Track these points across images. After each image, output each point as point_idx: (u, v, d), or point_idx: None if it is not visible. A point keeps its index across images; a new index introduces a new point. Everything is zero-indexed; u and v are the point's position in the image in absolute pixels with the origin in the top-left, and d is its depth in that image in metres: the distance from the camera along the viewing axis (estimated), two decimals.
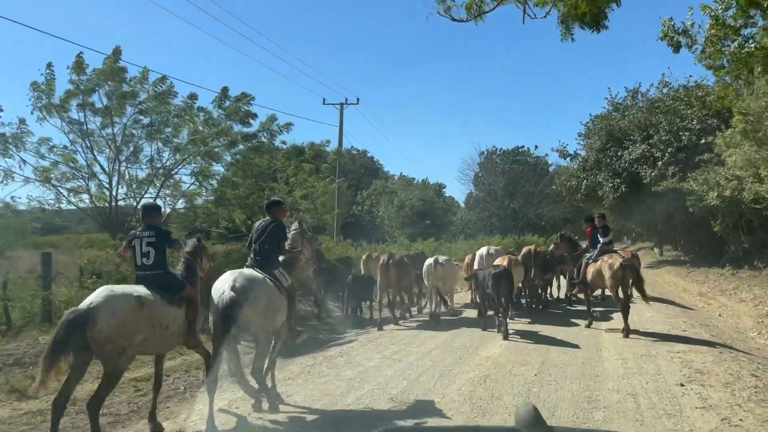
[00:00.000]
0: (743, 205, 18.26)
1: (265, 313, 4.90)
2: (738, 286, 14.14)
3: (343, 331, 9.88)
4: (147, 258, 4.74)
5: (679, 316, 10.49)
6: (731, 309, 11.95)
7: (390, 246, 25.68)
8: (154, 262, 4.74)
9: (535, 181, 44.13)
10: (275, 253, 5.32)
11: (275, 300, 5.01)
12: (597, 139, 26.46)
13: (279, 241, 5.34)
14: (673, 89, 25.47)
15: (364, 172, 49.37)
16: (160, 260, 4.76)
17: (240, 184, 15.68)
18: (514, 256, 11.04)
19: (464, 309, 12.11)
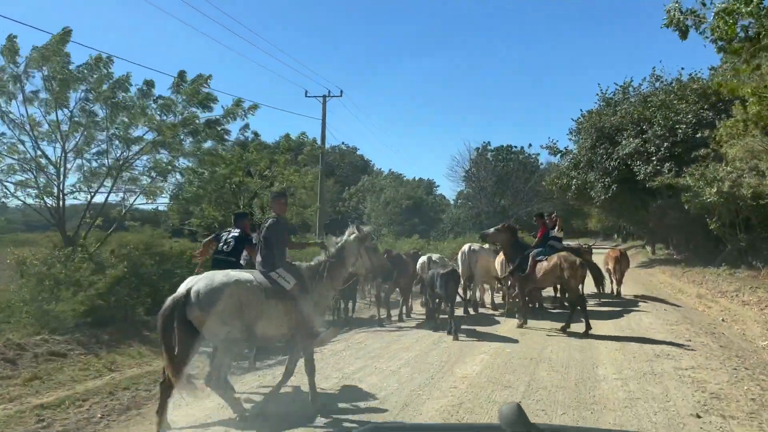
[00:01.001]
0: (741, 201, 17.43)
1: (225, 318, 4.38)
2: (739, 287, 13.21)
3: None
4: (227, 246, 6.27)
5: (681, 323, 9.54)
6: (735, 313, 11.00)
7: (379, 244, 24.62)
8: (231, 251, 6.21)
9: (525, 178, 43.30)
10: (272, 253, 4.91)
11: (251, 305, 4.48)
12: (587, 137, 25.53)
13: (274, 240, 4.93)
14: (666, 83, 24.60)
15: (353, 168, 48.35)
16: (236, 251, 6.22)
17: (207, 178, 14.62)
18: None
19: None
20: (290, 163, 18.94)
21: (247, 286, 4.47)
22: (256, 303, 4.43)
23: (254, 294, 4.46)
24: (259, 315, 4.46)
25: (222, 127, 13.16)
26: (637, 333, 8.42)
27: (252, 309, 4.40)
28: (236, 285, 4.38)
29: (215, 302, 4.22)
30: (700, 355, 6.92)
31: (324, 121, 26.66)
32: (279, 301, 4.61)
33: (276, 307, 4.58)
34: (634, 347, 7.37)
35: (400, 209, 37.67)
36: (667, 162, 21.01)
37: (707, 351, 7.17)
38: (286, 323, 4.70)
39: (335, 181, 42.22)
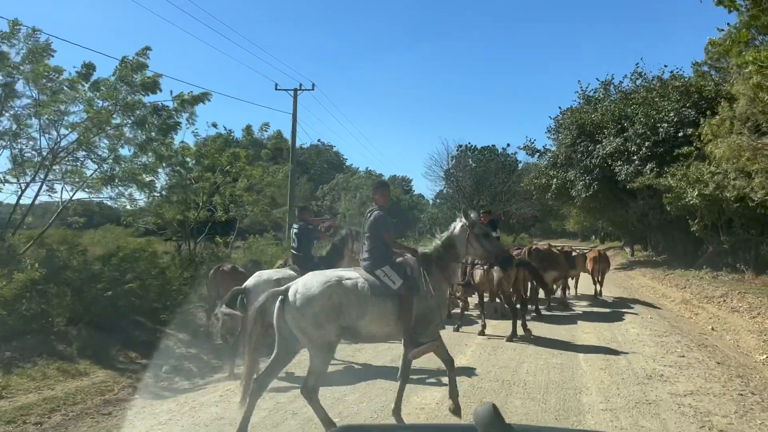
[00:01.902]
0: (723, 203, 16.78)
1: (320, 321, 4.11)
2: (726, 292, 12.44)
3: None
4: (294, 242, 7.19)
5: (670, 333, 8.64)
6: (724, 321, 10.18)
7: None
8: (298, 246, 7.04)
9: (504, 178, 42.62)
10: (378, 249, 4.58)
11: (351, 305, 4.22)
12: (567, 134, 24.77)
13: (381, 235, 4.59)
14: (648, 80, 23.96)
15: (327, 166, 47.15)
16: (303, 245, 7.03)
17: (156, 171, 13.39)
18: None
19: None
20: (254, 158, 17.77)
21: (350, 285, 4.25)
22: (357, 303, 4.21)
23: (356, 294, 4.23)
24: (362, 315, 4.24)
25: (173, 120, 11.94)
26: (624, 347, 7.48)
27: (353, 309, 4.20)
28: (338, 285, 4.20)
29: (312, 304, 4.06)
30: (698, 375, 5.98)
31: (295, 116, 25.45)
32: (385, 299, 4.32)
33: (382, 307, 4.30)
34: (622, 365, 6.40)
35: None
36: (648, 162, 20.33)
37: (704, 370, 6.24)
38: (392, 322, 4.39)
39: (308, 179, 40.99)
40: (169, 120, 11.83)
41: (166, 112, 11.89)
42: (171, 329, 9.13)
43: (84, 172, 11.41)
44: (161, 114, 11.63)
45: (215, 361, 7.82)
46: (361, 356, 7.14)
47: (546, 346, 7.60)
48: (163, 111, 11.91)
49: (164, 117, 11.80)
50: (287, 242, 23.96)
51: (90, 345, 7.71)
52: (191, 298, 10.99)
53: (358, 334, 4.31)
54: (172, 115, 11.76)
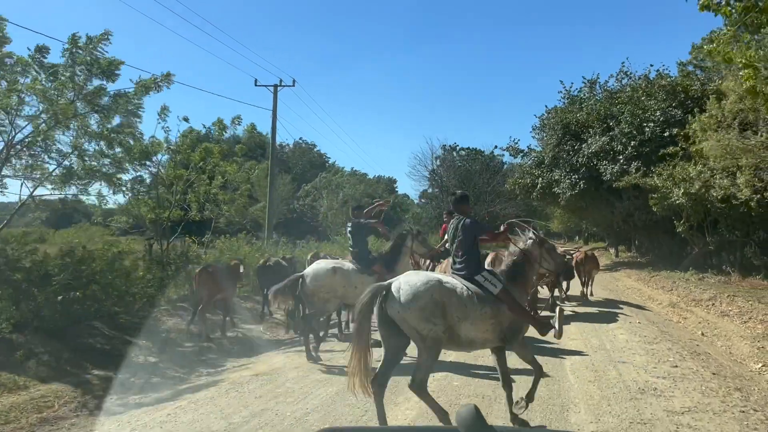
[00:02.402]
0: (709, 203, 16.53)
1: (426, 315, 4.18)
2: (714, 295, 12.09)
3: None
4: (350, 240, 7.66)
5: (660, 340, 8.21)
6: (714, 326, 9.79)
7: (325, 244, 22.87)
8: (353, 243, 7.52)
9: (488, 178, 42.27)
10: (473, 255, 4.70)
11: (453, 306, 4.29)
12: (553, 134, 24.42)
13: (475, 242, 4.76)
14: (634, 79, 23.72)
15: (310, 166, 46.45)
16: (358, 242, 7.46)
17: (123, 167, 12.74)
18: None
19: None
20: (229, 154, 17.13)
21: (450, 288, 4.35)
22: (458, 305, 4.30)
23: (457, 296, 4.33)
24: (463, 318, 4.31)
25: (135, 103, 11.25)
26: (613, 355, 7.02)
27: (455, 311, 4.27)
28: (439, 285, 4.28)
29: (417, 299, 4.14)
30: (694, 389, 5.52)
31: (275, 112, 24.75)
32: (485, 305, 4.40)
33: (482, 312, 4.38)
34: (612, 377, 5.92)
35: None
36: (634, 161, 20.05)
37: (700, 383, 5.78)
38: (490, 329, 4.45)
39: (292, 178, 40.25)
40: (130, 106, 11.16)
41: (127, 97, 11.24)
42: (131, 336, 8.50)
43: (46, 167, 10.76)
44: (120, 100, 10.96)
45: (175, 371, 7.22)
46: (330, 367, 6.60)
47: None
48: (125, 96, 11.25)
49: (125, 103, 11.13)
50: (268, 241, 23.35)
51: (36, 354, 7.08)
52: (157, 301, 10.36)
53: (458, 338, 4.35)
54: (131, 99, 11.07)
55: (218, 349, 8.54)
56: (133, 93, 10.98)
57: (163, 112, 15.30)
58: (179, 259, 12.30)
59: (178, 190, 16.57)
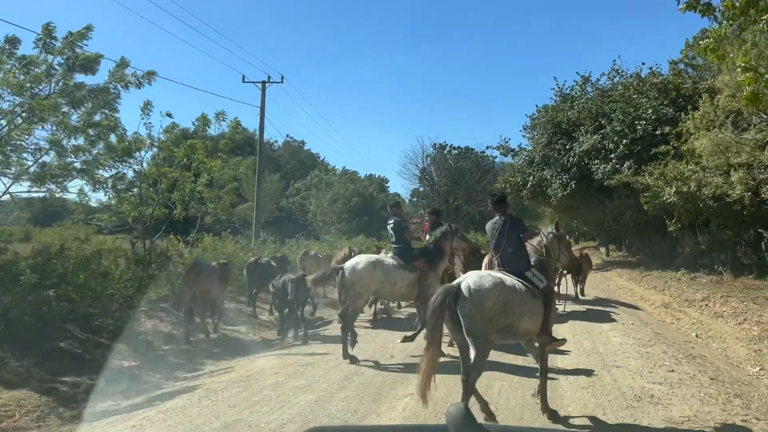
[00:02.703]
0: (701, 202, 16.37)
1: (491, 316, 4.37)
2: (708, 295, 11.89)
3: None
4: (392, 237, 7.70)
5: (654, 342, 7.96)
6: (708, 327, 9.57)
7: (312, 243, 22.53)
8: (396, 240, 7.57)
9: (479, 176, 42.07)
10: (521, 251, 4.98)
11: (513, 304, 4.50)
12: (543, 133, 24.22)
13: (521, 239, 5.01)
14: (626, 77, 23.57)
15: (301, 164, 46.04)
16: (400, 238, 7.49)
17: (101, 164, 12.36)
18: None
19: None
20: (213, 150, 16.76)
21: (510, 286, 4.49)
22: (519, 303, 4.49)
23: (518, 294, 4.51)
24: (523, 314, 4.51)
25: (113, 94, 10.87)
26: (607, 359, 6.76)
27: (516, 308, 4.46)
28: (503, 285, 4.42)
29: (487, 298, 4.28)
30: (692, 395, 5.26)
31: (263, 109, 24.39)
32: (535, 299, 4.63)
33: (535, 306, 4.62)
34: (607, 383, 5.65)
35: (349, 207, 35.59)
36: (626, 160, 19.88)
37: (698, 389, 5.53)
38: (539, 321, 4.68)
39: (281, 176, 39.80)
40: (108, 96, 10.77)
41: (106, 91, 10.86)
42: (106, 339, 8.13)
43: (24, 163, 10.38)
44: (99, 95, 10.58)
45: (150, 376, 6.87)
46: (312, 371, 6.27)
47: (521, 357, 6.82)
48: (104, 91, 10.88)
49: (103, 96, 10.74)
50: (256, 240, 22.96)
51: (1, 358, 6.71)
52: (136, 302, 9.99)
53: (515, 331, 4.53)
54: (108, 90, 10.68)
55: (199, 352, 8.20)
56: (107, 82, 10.63)
57: (146, 108, 14.91)
58: (160, 259, 11.91)
59: (162, 188, 16.23)
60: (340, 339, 6.92)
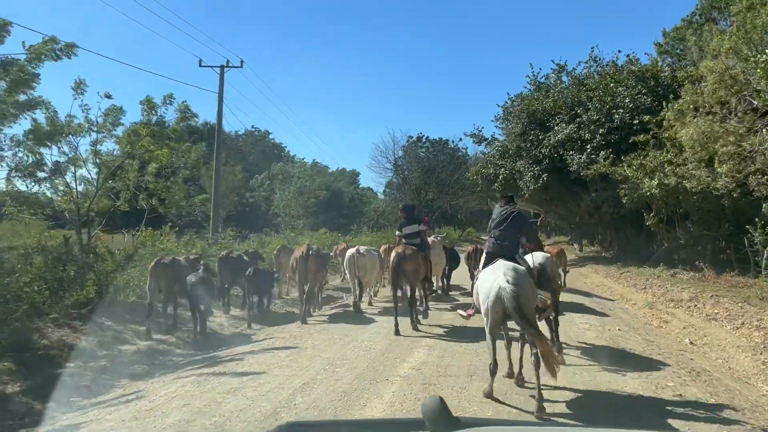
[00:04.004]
0: (681, 195, 15.53)
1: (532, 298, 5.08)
2: (695, 295, 10.95)
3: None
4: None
5: (649, 354, 6.86)
6: (702, 333, 8.56)
7: (277, 238, 21.10)
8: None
9: (452, 169, 41.06)
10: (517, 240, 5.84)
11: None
12: (517, 123, 23.17)
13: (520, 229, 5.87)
14: (602, 66, 22.72)
15: (265, 156, 44.31)
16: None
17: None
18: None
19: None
20: (160, 136, 15.22)
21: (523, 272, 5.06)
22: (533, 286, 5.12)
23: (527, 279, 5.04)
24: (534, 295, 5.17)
25: (27, 73, 9.34)
26: (600, 379, 5.59)
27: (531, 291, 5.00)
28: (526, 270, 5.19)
29: (526, 283, 4.86)
30: (709, 429, 4.13)
31: (221, 95, 22.79)
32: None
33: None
34: (608, 419, 4.47)
35: (316, 200, 34.11)
36: (602, 150, 18.99)
37: (712, 416, 4.41)
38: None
39: (244, 168, 38.04)
40: (22, 73, 9.27)
41: (18, 65, 9.36)
42: None
43: None
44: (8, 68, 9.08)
45: (33, 403, 5.46)
46: (273, 374, 4.95)
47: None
48: (16, 64, 9.38)
49: (16, 72, 9.25)
50: (213, 235, 21.39)
51: None
52: (49, 308, 8.48)
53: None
54: (24, 68, 9.19)
55: (115, 367, 6.79)
56: (25, 60, 9.12)
57: (79, 87, 13.42)
58: (85, 256, 10.41)
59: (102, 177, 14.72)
60: (283, 352, 5.64)
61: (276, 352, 6.60)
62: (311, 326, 8.45)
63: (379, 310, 10.58)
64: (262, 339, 7.69)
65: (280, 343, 7.29)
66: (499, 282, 4.68)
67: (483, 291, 4.92)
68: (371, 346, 6.82)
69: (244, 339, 8.10)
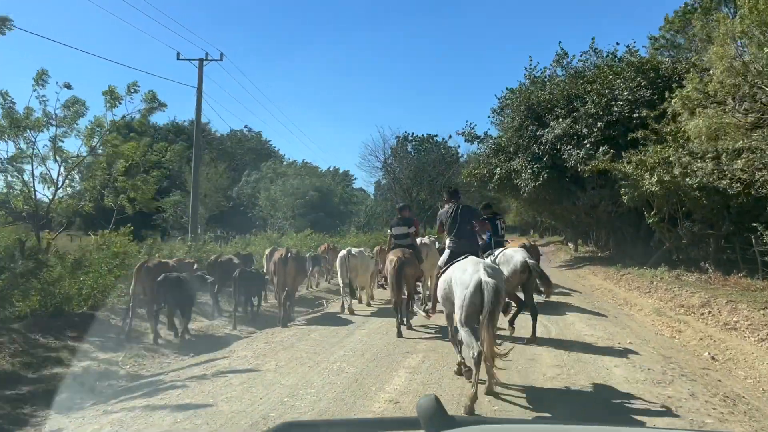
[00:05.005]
0: (682, 192, 14.62)
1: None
2: (707, 300, 9.97)
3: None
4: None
5: (672, 376, 5.80)
6: (724, 346, 7.57)
7: (259, 239, 20.02)
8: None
9: (443, 169, 40.08)
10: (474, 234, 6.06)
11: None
12: (516, 115, 22.11)
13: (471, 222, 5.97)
14: (601, 57, 21.80)
15: (254, 155, 43.14)
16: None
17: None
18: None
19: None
20: (124, 129, 14.17)
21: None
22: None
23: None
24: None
25: None
26: (619, 411, 4.58)
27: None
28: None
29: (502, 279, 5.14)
30: None
31: (200, 89, 21.67)
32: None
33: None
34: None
35: (304, 201, 32.96)
36: (601, 146, 18.08)
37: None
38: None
39: (232, 167, 36.84)
40: None
41: None
42: None
43: None
44: None
45: None
46: (247, 385, 3.91)
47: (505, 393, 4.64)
48: None
49: None
50: (192, 236, 20.29)
51: None
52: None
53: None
54: None
55: (30, 397, 5.71)
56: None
57: (41, 78, 12.49)
58: (26, 263, 9.27)
59: (63, 174, 13.71)
60: (238, 377, 4.59)
61: (230, 377, 5.54)
62: (279, 342, 7.39)
63: (362, 319, 9.58)
64: (219, 358, 6.62)
65: (238, 363, 6.23)
66: (480, 276, 4.74)
67: (460, 283, 4.87)
68: (343, 369, 5.78)
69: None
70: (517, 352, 6.82)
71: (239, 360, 6.35)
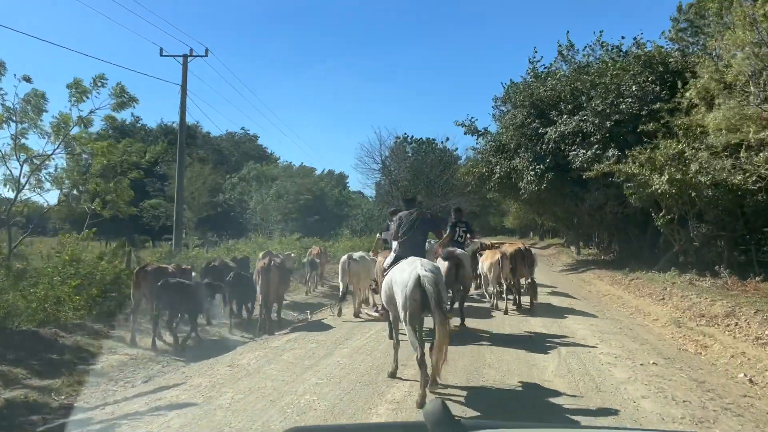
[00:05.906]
0: (695, 190, 13.60)
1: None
2: (732, 309, 8.94)
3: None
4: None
5: (716, 414, 4.78)
6: (761, 364, 6.55)
7: (245, 243, 18.98)
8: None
9: (441, 170, 39.08)
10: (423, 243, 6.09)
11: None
12: (519, 111, 21.06)
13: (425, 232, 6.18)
14: (608, 51, 20.84)
15: (250, 158, 42.11)
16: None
17: None
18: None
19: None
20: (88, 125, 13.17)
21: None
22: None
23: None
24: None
25: None
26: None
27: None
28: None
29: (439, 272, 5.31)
30: None
31: (184, 86, 20.64)
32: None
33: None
34: None
35: (297, 204, 31.88)
36: (607, 145, 17.12)
37: None
38: None
39: (225, 170, 35.74)
40: None
41: None
42: None
43: None
44: None
45: None
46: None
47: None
48: None
49: None
50: (176, 241, 19.30)
51: None
52: None
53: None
54: None
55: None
56: None
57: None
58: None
59: (26, 174, 12.86)
60: (179, 417, 3.57)
61: (170, 417, 4.48)
62: (244, 365, 6.33)
63: (347, 332, 8.56)
64: (171, 386, 5.57)
65: (189, 394, 5.18)
66: (418, 271, 4.86)
67: (399, 282, 4.96)
68: (312, 404, 4.73)
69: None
70: (523, 376, 5.79)
71: (191, 391, 5.30)
